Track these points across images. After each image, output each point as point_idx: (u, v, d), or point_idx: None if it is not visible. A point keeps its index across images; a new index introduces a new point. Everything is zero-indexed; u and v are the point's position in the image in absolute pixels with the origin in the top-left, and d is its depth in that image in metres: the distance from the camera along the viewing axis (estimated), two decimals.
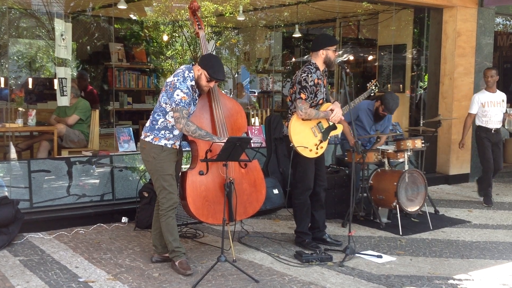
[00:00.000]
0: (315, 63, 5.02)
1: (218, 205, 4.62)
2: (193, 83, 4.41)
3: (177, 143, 4.51)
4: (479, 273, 4.59)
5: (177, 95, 4.30)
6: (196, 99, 4.56)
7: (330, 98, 5.25)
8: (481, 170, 7.44)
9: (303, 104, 4.87)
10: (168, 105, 4.35)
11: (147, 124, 4.52)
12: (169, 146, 4.44)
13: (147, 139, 4.45)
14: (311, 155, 4.98)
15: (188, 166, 4.82)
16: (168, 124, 4.41)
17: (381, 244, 5.36)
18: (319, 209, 5.24)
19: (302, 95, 4.87)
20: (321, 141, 5.00)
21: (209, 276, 4.28)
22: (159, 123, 4.43)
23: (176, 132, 4.44)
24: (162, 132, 4.42)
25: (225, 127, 4.74)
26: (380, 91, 9.60)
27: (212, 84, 4.49)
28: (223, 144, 4.33)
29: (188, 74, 4.42)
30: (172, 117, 4.37)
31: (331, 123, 5.04)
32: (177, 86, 4.32)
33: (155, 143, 4.42)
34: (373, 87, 5.73)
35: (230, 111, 4.87)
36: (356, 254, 4.92)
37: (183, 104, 4.29)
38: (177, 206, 4.54)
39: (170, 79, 4.42)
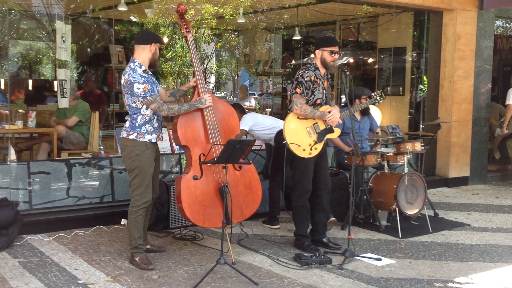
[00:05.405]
0: (315, 63, 5.07)
1: (214, 209, 4.62)
2: (143, 68, 4.48)
3: (161, 135, 4.65)
4: (478, 276, 4.59)
5: (138, 88, 4.38)
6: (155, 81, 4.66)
7: (331, 102, 5.24)
8: None
9: (299, 98, 4.90)
10: (138, 101, 4.44)
11: (127, 124, 4.59)
12: (154, 140, 4.56)
13: (130, 137, 4.53)
14: (305, 155, 4.95)
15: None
16: (146, 118, 4.52)
17: (380, 247, 5.36)
18: (319, 211, 5.23)
19: (298, 90, 4.92)
20: (315, 142, 4.98)
21: (208, 278, 4.28)
22: (138, 120, 4.52)
23: (156, 123, 4.56)
24: (143, 127, 4.52)
25: (217, 130, 4.76)
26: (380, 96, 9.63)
27: (158, 48, 4.56)
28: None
29: (133, 65, 4.50)
30: (150, 109, 4.48)
31: (327, 126, 5.04)
32: (132, 81, 4.39)
33: (140, 139, 4.51)
34: (378, 97, 5.66)
35: (222, 114, 4.88)
36: (356, 257, 4.92)
37: (149, 94, 4.39)
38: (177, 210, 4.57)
39: (122, 80, 4.51)
